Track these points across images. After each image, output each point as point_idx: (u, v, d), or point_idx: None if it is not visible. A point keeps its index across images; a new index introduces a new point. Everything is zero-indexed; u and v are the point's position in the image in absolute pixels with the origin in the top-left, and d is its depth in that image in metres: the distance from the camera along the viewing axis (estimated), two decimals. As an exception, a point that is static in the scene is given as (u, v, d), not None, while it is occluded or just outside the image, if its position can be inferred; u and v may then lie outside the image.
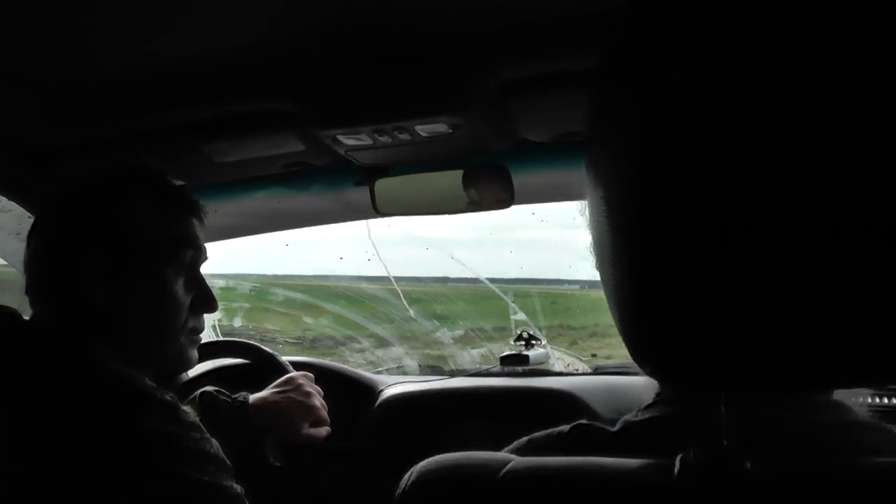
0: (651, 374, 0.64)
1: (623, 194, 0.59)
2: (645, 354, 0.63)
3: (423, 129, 1.41)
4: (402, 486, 0.74)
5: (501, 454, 0.75)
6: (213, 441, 1.22)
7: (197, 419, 1.23)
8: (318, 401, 1.73)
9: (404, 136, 1.43)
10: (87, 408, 1.14)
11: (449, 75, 1.33)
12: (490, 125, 1.46)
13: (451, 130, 1.42)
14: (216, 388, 1.65)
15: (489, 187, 1.67)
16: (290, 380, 1.73)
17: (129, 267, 1.29)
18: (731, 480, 0.62)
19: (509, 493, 0.68)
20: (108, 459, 1.11)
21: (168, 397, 1.19)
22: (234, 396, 1.62)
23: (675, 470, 0.63)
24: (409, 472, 0.75)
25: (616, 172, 0.60)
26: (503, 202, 1.68)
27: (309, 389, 1.72)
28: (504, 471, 0.69)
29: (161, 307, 1.33)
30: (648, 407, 0.79)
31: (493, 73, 1.33)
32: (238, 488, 1.22)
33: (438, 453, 1.94)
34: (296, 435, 1.67)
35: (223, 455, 1.22)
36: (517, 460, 0.70)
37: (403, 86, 1.35)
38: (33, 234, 1.33)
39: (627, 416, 0.80)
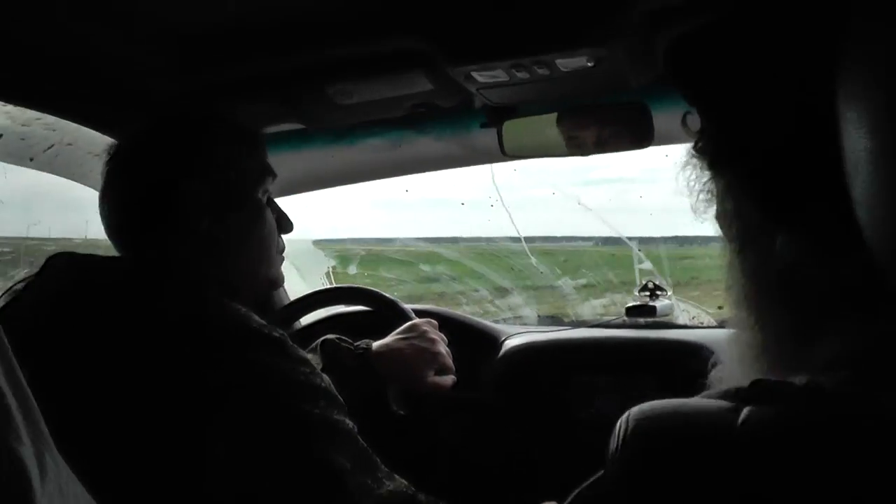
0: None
1: None
2: None
3: (563, 64, 1.33)
4: (620, 435, 0.67)
5: (719, 402, 0.67)
6: (325, 376, 1.22)
7: (306, 355, 1.23)
8: (443, 348, 1.69)
9: (543, 71, 1.36)
10: (199, 345, 1.14)
11: (593, 3, 1.24)
12: (634, 58, 1.37)
13: (592, 64, 1.34)
14: (338, 336, 1.63)
15: (628, 126, 1.59)
16: (414, 326, 1.70)
17: (228, 195, 1.34)
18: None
19: (751, 448, 0.61)
20: (221, 393, 1.11)
21: (277, 333, 1.19)
22: (356, 344, 1.60)
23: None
24: (624, 420, 0.68)
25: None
26: (642, 142, 1.59)
27: (434, 336, 1.69)
28: (741, 420, 0.62)
29: (261, 229, 1.40)
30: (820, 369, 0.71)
31: (638, 2, 1.23)
32: (350, 424, 1.20)
33: (564, 405, 1.90)
34: (421, 383, 1.64)
35: (334, 390, 1.22)
36: (752, 410, 0.63)
37: (544, 16, 1.27)
38: (122, 175, 1.34)
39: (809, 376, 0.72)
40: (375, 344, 1.63)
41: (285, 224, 1.48)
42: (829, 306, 0.73)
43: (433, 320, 1.76)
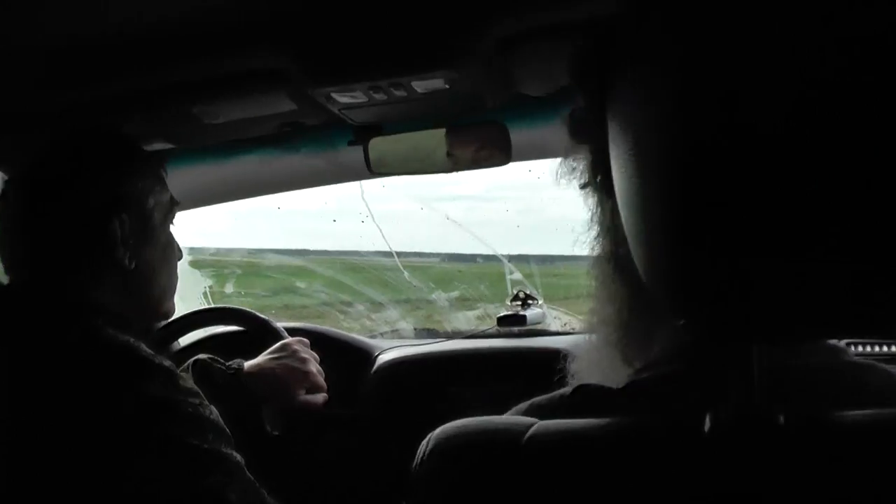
0: (684, 326, 0.61)
1: (660, 137, 0.55)
2: (679, 306, 0.60)
3: (419, 85, 1.37)
4: (420, 456, 0.71)
5: (519, 418, 0.72)
6: (213, 408, 1.22)
7: (195, 386, 1.23)
8: (315, 367, 1.71)
9: (400, 93, 1.39)
10: (87, 376, 1.14)
11: (446, 28, 1.28)
12: (487, 80, 1.42)
13: (447, 86, 1.38)
14: (210, 356, 1.63)
15: (487, 144, 1.64)
16: (286, 346, 1.71)
17: (144, 229, 1.37)
18: (766, 436, 0.60)
19: (536, 459, 0.65)
20: (109, 426, 1.11)
21: (167, 363, 1.19)
22: (228, 364, 1.60)
23: (706, 427, 0.61)
24: (426, 441, 0.72)
25: (652, 115, 0.56)
26: (501, 159, 1.64)
27: (304, 355, 1.70)
28: (528, 435, 0.66)
29: (170, 261, 1.45)
30: (649, 365, 0.77)
31: (491, 25, 1.28)
32: (237, 457, 1.21)
33: (439, 418, 1.93)
34: (292, 402, 1.66)
35: (222, 423, 1.22)
36: (539, 424, 0.67)
37: (400, 40, 1.30)
38: (12, 200, 1.34)
39: (630, 375, 0.77)
40: (247, 364, 1.63)
41: (179, 253, 1.51)
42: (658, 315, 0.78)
43: (304, 339, 1.77)
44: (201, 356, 1.63)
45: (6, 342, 1.17)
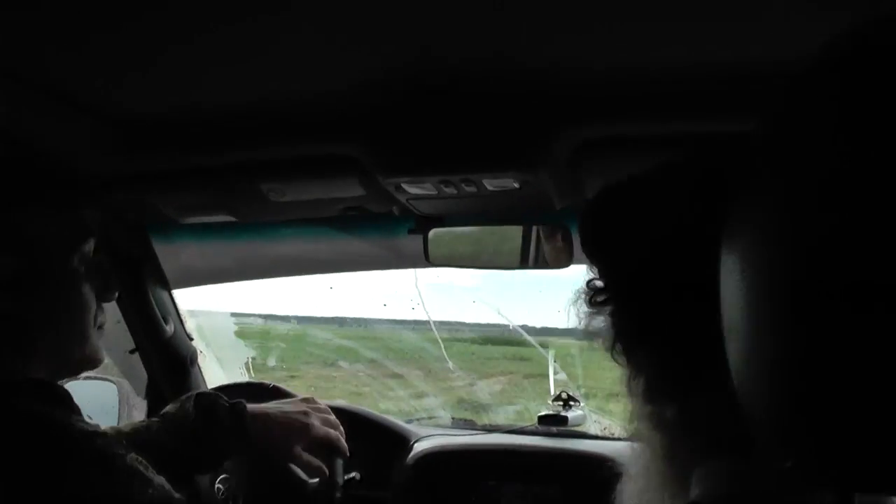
0: (789, 469, 0.58)
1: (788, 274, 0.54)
2: (788, 447, 0.58)
3: (490, 183, 1.39)
4: None
5: None
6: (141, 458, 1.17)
7: (137, 462, 1.16)
8: (317, 422, 1.68)
9: (470, 189, 1.41)
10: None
11: (524, 131, 1.31)
12: (557, 182, 1.43)
13: (518, 186, 1.40)
14: (215, 391, 1.63)
15: (549, 245, 1.65)
16: (297, 401, 1.70)
17: (32, 271, 1.21)
18: None
19: None
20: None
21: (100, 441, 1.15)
22: (232, 402, 1.58)
23: None
24: None
25: (774, 245, 0.56)
26: (563, 261, 1.65)
27: (309, 410, 1.68)
28: None
29: (70, 304, 1.27)
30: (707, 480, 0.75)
31: (569, 131, 1.31)
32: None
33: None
34: (288, 454, 1.63)
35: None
36: None
37: (476, 139, 1.33)
38: None
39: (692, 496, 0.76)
40: (251, 406, 1.60)
41: (106, 292, 1.36)
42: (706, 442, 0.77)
43: (323, 404, 1.76)
44: (206, 390, 1.63)
45: None
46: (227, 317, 2.56)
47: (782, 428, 0.57)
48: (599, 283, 0.87)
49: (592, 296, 0.87)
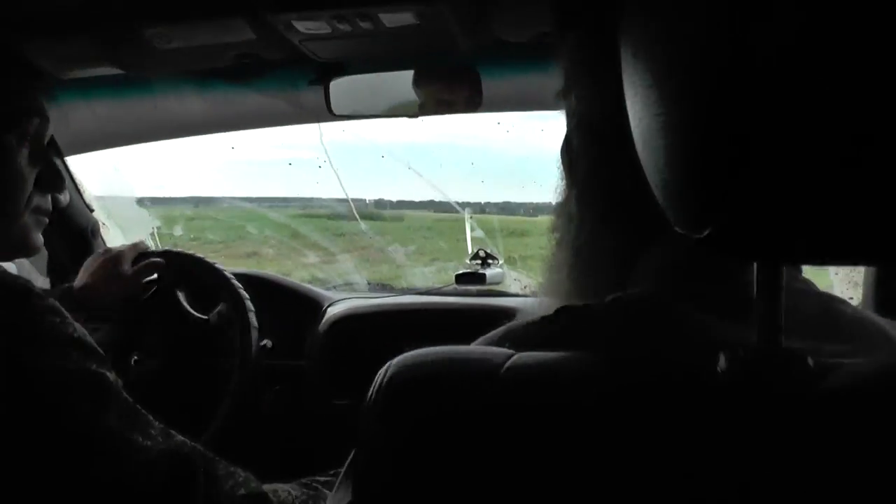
0: (700, 241, 0.53)
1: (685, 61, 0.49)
2: (700, 219, 0.53)
3: (387, 18, 1.29)
4: (377, 387, 0.63)
5: (493, 349, 0.64)
6: (78, 326, 1.09)
7: (54, 302, 1.08)
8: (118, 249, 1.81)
9: (366, 25, 1.31)
10: None
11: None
12: (461, 18, 1.34)
13: (417, 21, 1.30)
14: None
15: (456, 89, 1.56)
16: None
17: None
18: (795, 380, 0.53)
19: (515, 393, 0.58)
20: None
21: (20, 282, 1.06)
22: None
23: (720, 366, 0.54)
24: (383, 371, 0.64)
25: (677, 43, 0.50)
26: (470, 106, 1.57)
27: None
28: (506, 367, 0.59)
29: (1, 180, 1.19)
30: (630, 284, 0.72)
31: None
32: (112, 376, 1.08)
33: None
34: (118, 283, 1.74)
35: (91, 340, 1.09)
36: (519, 355, 0.60)
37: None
38: None
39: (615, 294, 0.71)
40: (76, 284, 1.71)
41: (54, 180, 1.28)
42: (648, 222, 0.72)
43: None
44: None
45: None
46: (128, 184, 2.44)
47: (695, 198, 0.52)
48: None
49: None
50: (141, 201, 2.62)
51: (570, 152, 0.81)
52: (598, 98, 0.76)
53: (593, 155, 0.78)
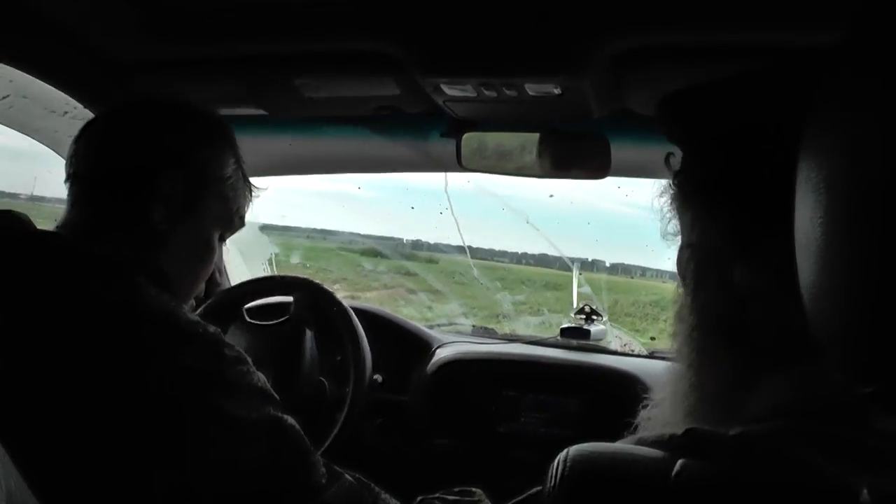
0: (872, 395, 0.54)
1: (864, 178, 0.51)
2: (872, 371, 0.54)
3: (531, 88, 1.35)
4: (556, 475, 0.68)
5: (656, 452, 0.69)
6: (261, 375, 1.16)
7: (241, 353, 1.16)
8: None
9: (511, 93, 1.37)
10: (129, 338, 1.07)
11: (570, 34, 1.26)
12: (598, 91, 1.39)
13: (559, 92, 1.36)
14: None
15: (586, 154, 1.61)
16: None
17: (192, 195, 1.25)
18: None
19: (682, 500, 0.63)
20: (151, 392, 1.04)
21: (211, 329, 1.13)
22: None
23: (862, 499, 0.58)
24: (561, 460, 0.69)
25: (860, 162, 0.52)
26: (598, 172, 1.62)
27: None
28: (675, 471, 0.64)
29: (204, 247, 1.32)
30: (758, 418, 0.73)
31: (616, 38, 1.26)
32: (291, 420, 1.16)
33: (489, 419, 1.92)
34: None
35: (270, 388, 1.17)
36: (685, 462, 0.65)
37: (522, 40, 1.28)
38: (95, 142, 1.27)
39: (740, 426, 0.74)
40: None
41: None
42: (770, 351, 0.75)
43: None
44: None
45: (33, 292, 1.09)
46: (252, 211, 2.54)
47: (860, 351, 0.54)
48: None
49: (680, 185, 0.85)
50: (263, 228, 2.71)
51: (687, 269, 0.84)
52: (715, 228, 0.79)
53: (712, 282, 0.80)
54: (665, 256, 0.90)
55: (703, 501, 0.63)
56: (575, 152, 1.63)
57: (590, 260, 2.55)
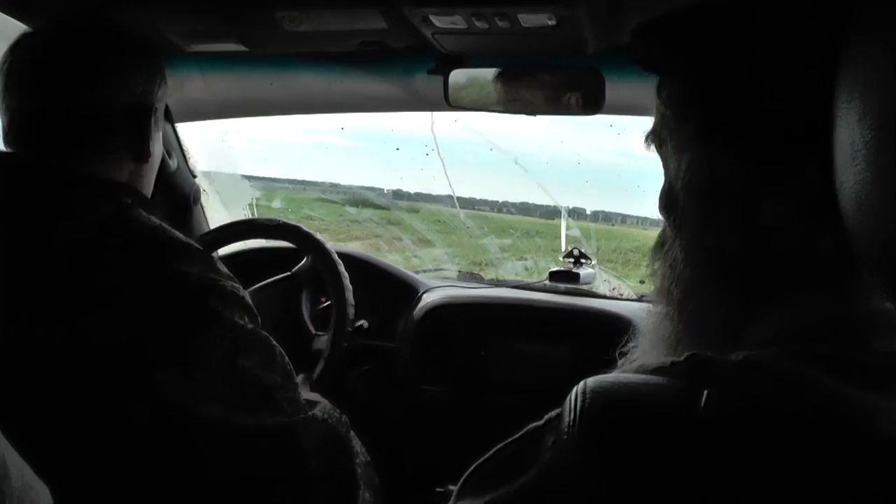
0: None
1: None
2: None
3: (525, 19, 1.29)
4: (576, 409, 0.64)
5: (676, 383, 0.65)
6: (245, 291, 1.21)
7: (222, 266, 1.22)
8: None
9: (504, 24, 1.31)
10: (125, 255, 1.11)
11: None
12: (596, 22, 1.33)
13: (554, 23, 1.30)
14: None
15: (579, 90, 1.56)
16: None
17: (140, 107, 1.29)
18: None
19: (716, 434, 0.59)
20: (158, 304, 1.08)
21: (194, 244, 1.18)
22: None
23: None
24: (578, 394, 0.65)
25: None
26: (591, 108, 1.57)
27: None
28: (703, 403, 0.60)
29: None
30: (763, 342, 0.70)
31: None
32: (273, 341, 1.20)
33: (478, 365, 1.89)
34: None
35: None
36: (710, 393, 0.61)
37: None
38: (32, 77, 1.24)
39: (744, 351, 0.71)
40: None
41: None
42: (775, 280, 0.73)
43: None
44: None
45: (23, 214, 1.11)
46: (233, 159, 2.49)
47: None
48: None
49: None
50: (244, 177, 2.66)
51: (676, 208, 0.81)
52: (710, 164, 0.76)
53: (701, 219, 0.78)
54: (649, 203, 0.87)
55: (737, 432, 0.59)
56: (567, 87, 1.58)
57: (570, 207, 2.51)
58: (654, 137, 0.85)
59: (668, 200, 0.82)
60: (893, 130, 0.50)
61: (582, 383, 0.65)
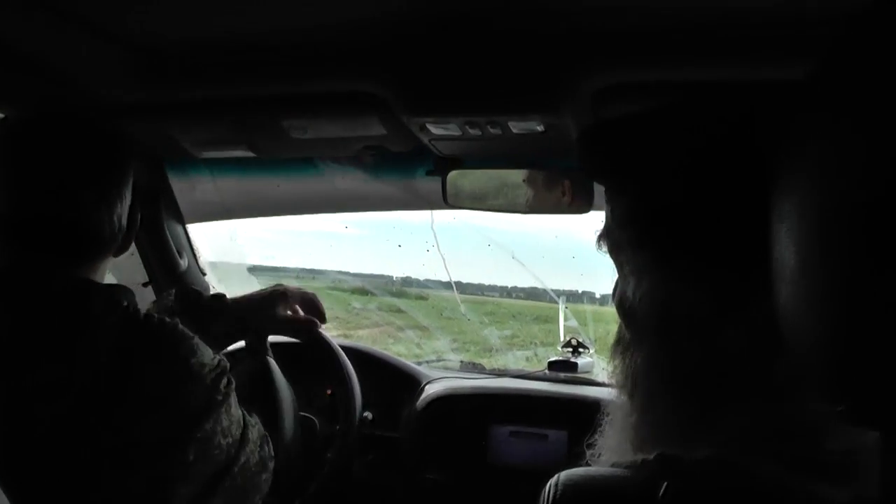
0: (845, 413, 0.57)
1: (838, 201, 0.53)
2: (846, 390, 0.57)
3: (515, 126, 1.38)
4: (548, 498, 0.70)
5: (636, 474, 0.71)
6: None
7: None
8: (295, 290, 1.80)
9: (495, 131, 1.40)
10: (154, 356, 1.21)
11: (552, 73, 1.29)
12: (581, 127, 1.42)
13: (542, 129, 1.39)
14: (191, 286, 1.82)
15: (569, 190, 1.64)
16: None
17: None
18: None
19: None
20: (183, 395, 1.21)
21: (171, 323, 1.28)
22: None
23: None
24: (553, 485, 0.71)
25: (828, 188, 0.54)
26: (582, 207, 1.64)
27: (283, 286, 1.79)
28: (662, 492, 0.66)
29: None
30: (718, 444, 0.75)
31: (597, 75, 1.29)
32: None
33: (480, 452, 1.93)
34: (273, 319, 1.75)
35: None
36: (670, 483, 0.67)
37: (504, 80, 1.31)
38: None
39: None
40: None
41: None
42: (731, 389, 0.77)
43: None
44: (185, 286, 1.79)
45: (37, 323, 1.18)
46: (241, 252, 2.56)
47: (842, 370, 0.56)
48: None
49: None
50: (252, 269, 2.73)
51: (633, 319, 0.86)
52: (666, 290, 0.81)
53: (656, 341, 0.83)
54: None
55: None
56: (558, 187, 1.65)
57: (579, 291, 2.57)
58: (605, 239, 0.91)
59: (627, 311, 0.88)
60: (814, 254, 0.55)
61: (556, 476, 0.71)
